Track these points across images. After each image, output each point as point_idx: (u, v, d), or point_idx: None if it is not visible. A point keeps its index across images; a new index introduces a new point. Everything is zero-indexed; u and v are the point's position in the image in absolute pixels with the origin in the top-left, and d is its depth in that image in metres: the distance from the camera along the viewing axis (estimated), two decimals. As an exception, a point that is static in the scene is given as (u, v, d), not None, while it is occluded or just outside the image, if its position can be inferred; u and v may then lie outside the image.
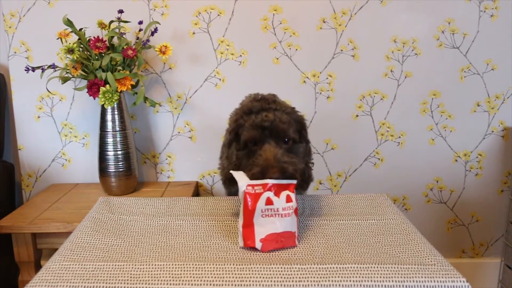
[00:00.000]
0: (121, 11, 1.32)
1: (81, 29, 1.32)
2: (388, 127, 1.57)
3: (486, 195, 1.64)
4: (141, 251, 0.75)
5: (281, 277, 0.65)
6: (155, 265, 0.68)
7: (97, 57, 1.29)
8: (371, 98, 1.55)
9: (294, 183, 0.76)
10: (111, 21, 1.35)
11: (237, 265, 0.68)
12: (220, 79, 1.53)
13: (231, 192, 1.01)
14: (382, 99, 1.55)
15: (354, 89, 1.54)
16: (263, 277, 0.65)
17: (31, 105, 1.53)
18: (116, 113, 1.37)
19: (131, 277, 0.65)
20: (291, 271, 0.66)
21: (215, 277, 0.65)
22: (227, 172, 0.88)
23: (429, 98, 1.55)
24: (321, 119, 1.56)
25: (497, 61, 1.52)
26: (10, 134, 1.60)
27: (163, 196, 1.43)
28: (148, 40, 1.37)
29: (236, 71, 1.52)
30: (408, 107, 1.56)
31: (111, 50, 1.32)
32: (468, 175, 1.62)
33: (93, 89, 1.28)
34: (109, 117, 1.37)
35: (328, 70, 1.52)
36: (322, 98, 1.55)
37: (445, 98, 1.55)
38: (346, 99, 1.55)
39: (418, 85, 1.54)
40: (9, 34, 1.48)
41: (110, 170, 1.38)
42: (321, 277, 0.65)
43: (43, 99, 1.53)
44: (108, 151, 1.38)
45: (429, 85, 1.54)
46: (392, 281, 0.64)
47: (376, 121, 1.57)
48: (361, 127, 1.57)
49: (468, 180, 1.63)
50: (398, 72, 1.53)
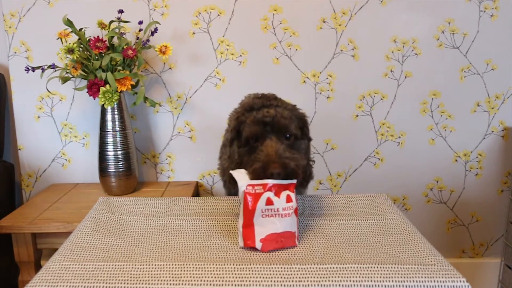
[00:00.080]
0: (121, 11, 1.32)
1: (81, 29, 1.32)
2: (388, 127, 1.57)
3: (486, 195, 1.64)
4: (141, 251, 0.75)
5: (281, 277, 0.65)
6: (155, 265, 0.68)
7: (97, 57, 1.29)
8: (371, 98, 1.55)
9: (294, 183, 0.76)
10: (111, 21, 1.35)
11: (237, 265, 0.68)
12: (220, 79, 1.53)
13: (231, 193, 1.01)
14: (382, 99, 1.55)
15: (354, 89, 1.54)
16: (263, 277, 0.65)
17: (31, 105, 1.53)
18: (116, 113, 1.37)
19: (131, 277, 0.66)
20: (291, 271, 0.66)
21: (215, 277, 0.65)
22: (227, 173, 0.87)
23: (429, 98, 1.55)
24: (321, 119, 1.56)
25: (497, 61, 1.52)
26: (10, 134, 1.60)
27: (163, 196, 1.43)
28: (148, 40, 1.37)
29: (236, 71, 1.52)
30: (408, 107, 1.56)
31: (111, 50, 1.32)
32: (468, 175, 1.62)
33: (93, 89, 1.28)
34: (109, 117, 1.37)
35: (328, 70, 1.52)
36: (322, 98, 1.55)
37: (445, 98, 1.55)
38: (346, 99, 1.55)
39: (418, 85, 1.54)
40: (9, 34, 1.48)
41: (110, 170, 1.38)
42: (321, 277, 0.65)
43: (43, 99, 1.53)
44: (108, 151, 1.38)
45: (429, 85, 1.54)
46: (392, 281, 0.64)
47: (376, 121, 1.57)
48: (361, 127, 1.57)
49: (468, 180, 1.63)
50: (398, 72, 1.53)
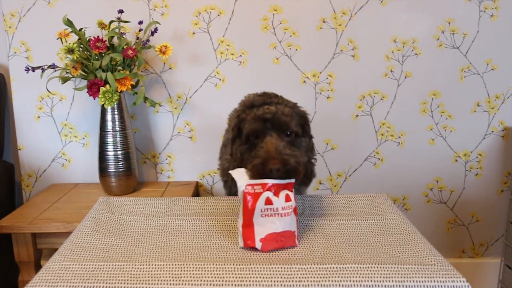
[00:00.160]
0: (121, 11, 1.32)
1: (81, 29, 1.32)
2: (388, 127, 1.57)
3: (486, 195, 1.64)
4: (141, 251, 0.75)
5: (281, 277, 0.65)
6: (155, 265, 0.68)
7: (97, 57, 1.29)
8: (371, 98, 1.55)
9: (293, 182, 0.76)
10: (111, 21, 1.35)
11: (237, 265, 0.68)
12: (220, 79, 1.53)
13: (231, 193, 1.01)
14: (382, 99, 1.55)
15: (354, 89, 1.54)
16: (263, 277, 0.65)
17: (31, 105, 1.53)
18: (116, 113, 1.37)
19: (131, 277, 0.65)
20: (291, 271, 0.66)
21: (215, 277, 0.65)
22: (227, 173, 0.87)
23: (429, 98, 1.55)
24: (321, 119, 1.56)
25: (497, 61, 1.52)
26: (10, 134, 1.60)
27: (163, 196, 1.43)
28: (148, 40, 1.37)
29: (236, 71, 1.52)
30: (408, 107, 1.56)
31: (111, 50, 1.32)
32: (468, 175, 1.62)
33: (93, 89, 1.28)
34: (109, 117, 1.37)
35: (328, 70, 1.52)
36: (322, 98, 1.55)
37: (445, 98, 1.55)
38: (346, 99, 1.55)
39: (418, 85, 1.54)
40: (9, 34, 1.48)
41: (110, 170, 1.38)
42: (321, 277, 0.64)
43: (43, 99, 1.53)
44: (108, 151, 1.38)
45: (429, 85, 1.54)
46: (392, 281, 0.64)
47: (376, 121, 1.57)
48: (361, 127, 1.57)
49: (468, 180, 1.63)
50: (398, 72, 1.53)
